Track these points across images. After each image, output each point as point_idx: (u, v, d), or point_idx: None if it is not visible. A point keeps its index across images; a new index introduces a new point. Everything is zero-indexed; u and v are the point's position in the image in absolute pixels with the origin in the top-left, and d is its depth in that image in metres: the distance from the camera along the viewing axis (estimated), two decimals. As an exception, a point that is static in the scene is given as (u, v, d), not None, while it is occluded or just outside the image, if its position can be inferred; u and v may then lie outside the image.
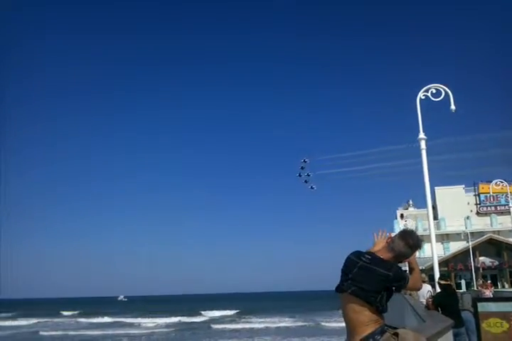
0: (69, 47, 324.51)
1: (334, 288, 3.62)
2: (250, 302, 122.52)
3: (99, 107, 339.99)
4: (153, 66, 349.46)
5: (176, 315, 78.77)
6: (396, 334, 3.40)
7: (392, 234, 3.82)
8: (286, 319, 63.49)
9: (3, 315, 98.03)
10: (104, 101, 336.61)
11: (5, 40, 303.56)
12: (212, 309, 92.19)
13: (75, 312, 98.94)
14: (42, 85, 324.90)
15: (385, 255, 3.55)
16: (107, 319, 76.72)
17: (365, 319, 3.39)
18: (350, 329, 3.50)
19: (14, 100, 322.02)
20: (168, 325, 61.12)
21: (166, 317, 74.83)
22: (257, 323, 59.53)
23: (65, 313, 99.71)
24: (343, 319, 3.57)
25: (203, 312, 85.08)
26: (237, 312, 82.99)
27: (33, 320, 75.96)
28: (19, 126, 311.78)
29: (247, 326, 56.87)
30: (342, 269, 3.59)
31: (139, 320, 71.04)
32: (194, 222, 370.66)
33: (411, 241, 3.54)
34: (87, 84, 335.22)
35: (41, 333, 54.58)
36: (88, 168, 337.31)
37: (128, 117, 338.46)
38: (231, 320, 67.30)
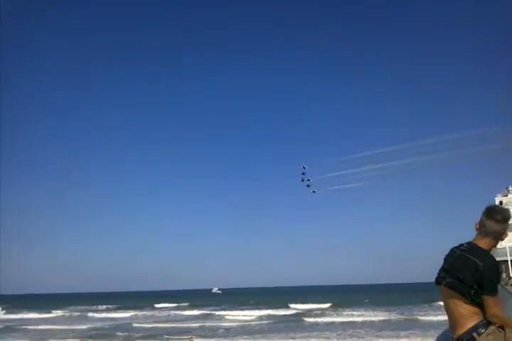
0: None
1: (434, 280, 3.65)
2: (342, 295, 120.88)
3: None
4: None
5: (267, 308, 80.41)
6: (502, 327, 3.23)
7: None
8: (380, 312, 62.08)
9: (101, 307, 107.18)
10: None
11: None
12: (303, 302, 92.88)
13: (170, 305, 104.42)
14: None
15: (483, 242, 3.47)
16: (200, 311, 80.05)
17: (466, 312, 3.27)
18: (452, 323, 3.42)
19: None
20: (260, 318, 62.29)
21: (259, 309, 76.67)
22: (350, 316, 58.70)
23: (159, 305, 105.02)
24: (439, 312, 3.44)
25: (293, 305, 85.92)
26: (329, 306, 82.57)
27: (129, 313, 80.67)
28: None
29: (340, 319, 56.19)
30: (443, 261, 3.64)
31: (232, 312, 73.02)
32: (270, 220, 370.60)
33: (499, 216, 3.46)
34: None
35: (135, 325, 57.89)
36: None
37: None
38: (323, 313, 66.93)
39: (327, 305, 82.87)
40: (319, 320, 56.10)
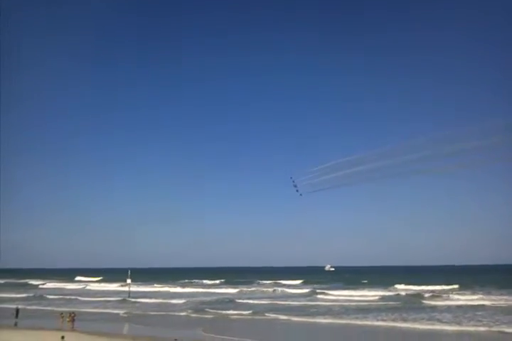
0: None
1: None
2: (468, 276, 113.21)
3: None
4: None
5: (377, 289, 77.33)
6: None
7: None
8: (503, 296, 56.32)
9: (209, 282, 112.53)
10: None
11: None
12: (417, 283, 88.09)
13: (271, 282, 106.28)
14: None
15: None
16: (309, 289, 79.38)
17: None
18: None
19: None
20: (378, 299, 59.40)
21: (368, 289, 73.63)
22: (470, 300, 52.32)
23: (263, 282, 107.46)
24: None
25: (409, 287, 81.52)
26: (448, 288, 76.67)
27: (236, 289, 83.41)
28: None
29: (458, 302, 51.22)
30: None
31: (342, 292, 71.26)
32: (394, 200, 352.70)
33: None
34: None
35: (239, 301, 58.82)
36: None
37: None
38: (443, 295, 61.93)
39: (446, 287, 76.89)
40: (439, 303, 51.62)
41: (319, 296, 66.21)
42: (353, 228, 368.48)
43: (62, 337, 25.52)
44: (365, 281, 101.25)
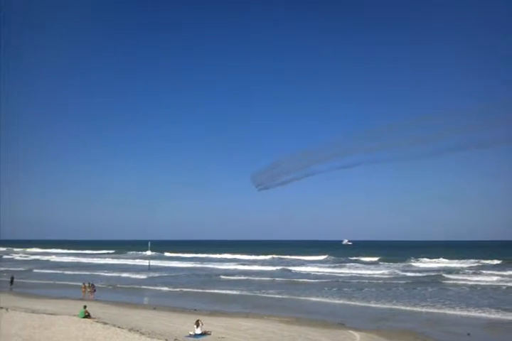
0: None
1: None
2: (481, 252, 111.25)
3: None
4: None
5: (397, 263, 77.36)
6: None
7: None
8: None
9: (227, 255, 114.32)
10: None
11: None
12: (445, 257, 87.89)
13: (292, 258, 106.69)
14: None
15: None
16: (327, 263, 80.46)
17: None
18: None
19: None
20: (393, 277, 59.21)
21: (385, 267, 73.86)
22: (487, 275, 50.89)
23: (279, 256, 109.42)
24: None
25: (431, 260, 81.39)
26: (466, 266, 75.91)
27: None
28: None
29: (477, 279, 49.65)
30: None
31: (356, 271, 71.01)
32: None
33: None
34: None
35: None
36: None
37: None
38: (460, 272, 60.94)
39: (464, 265, 76.10)
40: (459, 282, 50.58)
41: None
42: (371, 204, 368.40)
43: (85, 307, 26.04)
44: (382, 255, 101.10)
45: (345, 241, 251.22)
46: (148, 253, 76.87)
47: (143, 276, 57.83)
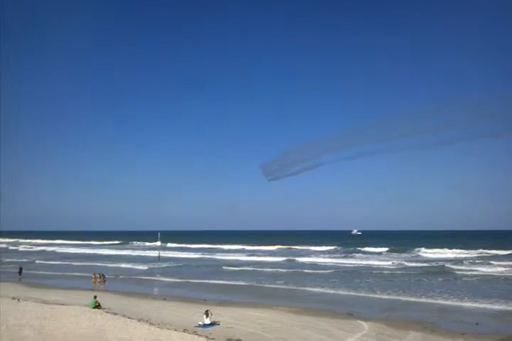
0: None
1: None
2: (490, 242, 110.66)
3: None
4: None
5: (403, 253, 77.25)
6: None
7: None
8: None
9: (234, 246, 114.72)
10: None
11: None
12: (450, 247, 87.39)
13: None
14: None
15: None
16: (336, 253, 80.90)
17: None
18: None
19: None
20: (401, 268, 59.23)
21: (395, 257, 73.66)
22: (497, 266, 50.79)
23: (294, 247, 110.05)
24: None
25: (437, 250, 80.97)
26: (472, 255, 75.63)
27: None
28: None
29: (492, 269, 49.36)
30: None
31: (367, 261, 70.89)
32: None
33: None
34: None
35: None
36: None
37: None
38: (473, 263, 60.70)
39: (472, 255, 75.68)
40: (465, 272, 50.50)
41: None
42: (381, 194, 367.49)
43: (95, 297, 26.37)
44: (389, 245, 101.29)
45: (354, 231, 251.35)
46: (158, 243, 77.38)
47: (152, 266, 58.37)
